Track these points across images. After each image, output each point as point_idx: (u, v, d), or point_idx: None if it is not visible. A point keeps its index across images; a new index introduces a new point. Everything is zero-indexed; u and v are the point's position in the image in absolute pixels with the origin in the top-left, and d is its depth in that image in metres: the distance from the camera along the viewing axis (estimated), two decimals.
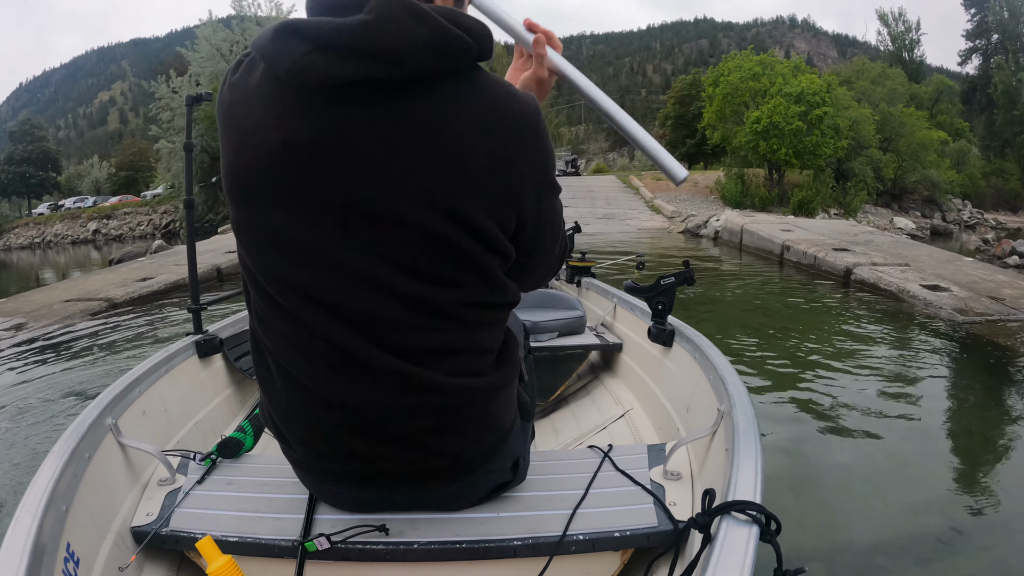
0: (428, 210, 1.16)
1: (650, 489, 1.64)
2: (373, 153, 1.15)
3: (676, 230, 15.19)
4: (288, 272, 1.26)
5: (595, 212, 19.13)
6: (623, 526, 1.50)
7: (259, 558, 1.51)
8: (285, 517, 1.57)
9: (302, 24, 1.13)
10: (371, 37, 1.09)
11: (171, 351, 2.37)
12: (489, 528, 1.51)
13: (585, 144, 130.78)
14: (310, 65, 1.11)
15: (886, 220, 24.09)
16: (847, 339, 5.93)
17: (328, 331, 1.26)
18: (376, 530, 1.46)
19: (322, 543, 1.44)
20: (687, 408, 2.25)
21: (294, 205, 1.21)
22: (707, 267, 9.96)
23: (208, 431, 2.39)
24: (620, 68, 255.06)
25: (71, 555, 1.35)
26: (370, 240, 1.19)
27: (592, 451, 1.86)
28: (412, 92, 1.14)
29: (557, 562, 1.45)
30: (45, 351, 6.77)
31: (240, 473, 1.81)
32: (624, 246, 12.58)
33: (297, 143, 1.17)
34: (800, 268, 9.27)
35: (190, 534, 1.54)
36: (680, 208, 18.66)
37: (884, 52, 49.70)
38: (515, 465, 1.57)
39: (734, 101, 26.29)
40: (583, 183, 31.60)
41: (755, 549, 1.14)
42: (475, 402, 1.35)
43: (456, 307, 1.26)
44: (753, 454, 1.44)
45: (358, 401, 1.31)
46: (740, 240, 12.03)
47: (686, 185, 25.40)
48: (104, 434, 1.73)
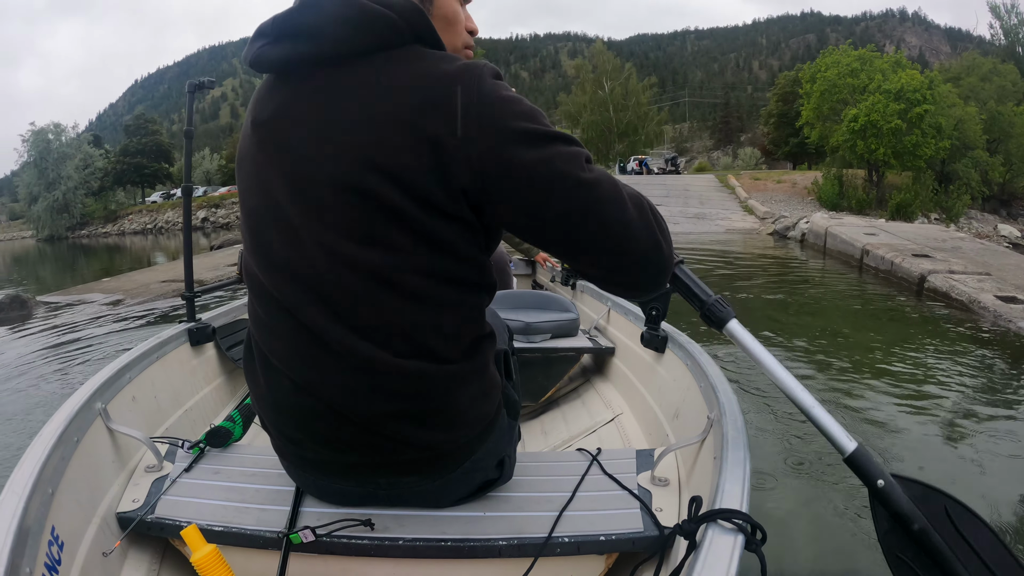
0: (358, 171, 1.21)
1: (637, 494, 1.64)
2: (309, 124, 1.25)
3: (765, 231, 14.88)
4: (261, 249, 1.34)
5: (686, 211, 18.93)
6: (609, 530, 1.50)
7: (244, 548, 1.51)
8: (271, 508, 1.58)
9: (264, 23, 1.30)
10: (295, 20, 1.25)
11: (163, 338, 2.39)
12: (475, 527, 1.51)
13: (689, 142, 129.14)
14: (259, 55, 1.29)
15: (990, 227, 22.93)
16: (891, 348, 5.69)
17: (295, 310, 1.31)
18: (361, 524, 1.47)
19: (307, 535, 1.45)
20: (677, 415, 2.25)
21: (259, 183, 1.33)
22: (781, 269, 9.79)
23: (197, 419, 2.39)
24: (725, 64, 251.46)
25: (55, 539, 1.36)
26: (318, 209, 1.25)
27: (581, 454, 1.86)
28: (347, 66, 1.24)
29: (542, 563, 1.46)
30: (129, 320, 7.61)
31: (228, 463, 1.81)
32: (703, 247, 12.43)
33: (259, 123, 1.32)
34: (877, 274, 9.01)
35: (175, 522, 1.55)
36: (774, 209, 18.29)
37: (997, 47, 47.10)
38: (500, 464, 1.57)
39: (832, 98, 25.56)
40: (680, 182, 31.31)
41: (740, 558, 1.15)
42: (435, 390, 1.34)
43: (402, 274, 1.25)
44: (741, 463, 1.44)
45: (323, 383, 1.34)
46: (824, 243, 11.74)
47: (784, 186, 24.92)
48: (93, 418, 1.74)
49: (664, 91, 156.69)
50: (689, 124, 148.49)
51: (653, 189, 26.22)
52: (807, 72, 27.43)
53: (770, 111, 53.99)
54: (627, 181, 19.63)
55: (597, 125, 63.14)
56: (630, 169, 50.42)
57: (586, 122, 63.68)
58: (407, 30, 1.24)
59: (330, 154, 1.23)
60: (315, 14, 1.23)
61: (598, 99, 63.88)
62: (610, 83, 64.57)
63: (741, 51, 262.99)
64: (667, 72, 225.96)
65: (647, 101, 66.99)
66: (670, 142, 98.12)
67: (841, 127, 23.69)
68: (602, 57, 68.56)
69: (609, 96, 63.47)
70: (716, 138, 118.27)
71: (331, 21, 1.21)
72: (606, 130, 63.14)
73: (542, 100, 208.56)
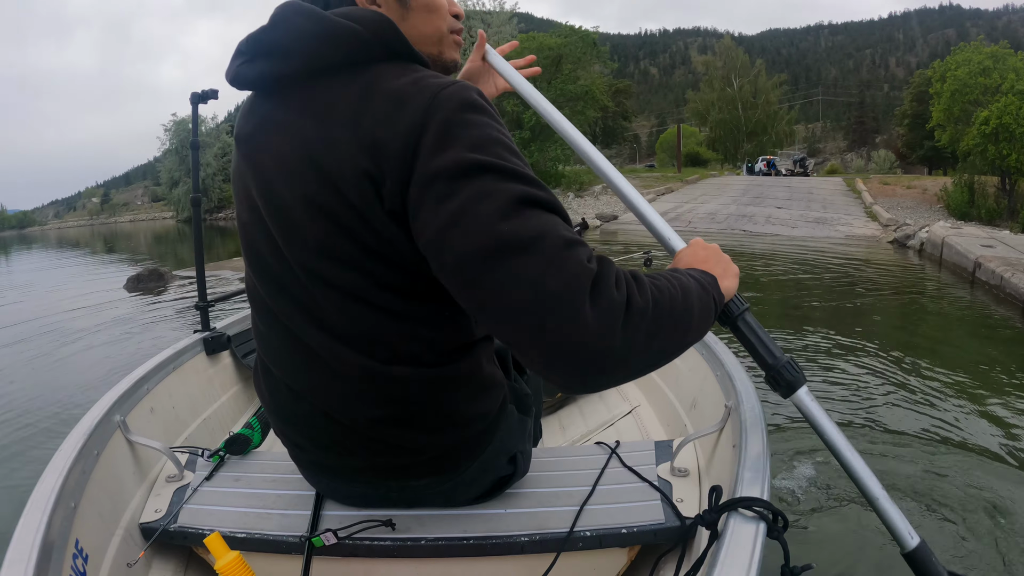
0: (316, 186, 1.19)
1: (657, 486, 1.65)
2: (280, 141, 1.25)
3: (886, 239, 14.59)
4: (255, 262, 1.37)
5: (807, 215, 18.62)
6: (630, 523, 1.51)
7: (267, 554, 1.55)
8: (292, 513, 1.61)
9: (241, 42, 1.32)
10: (265, 38, 1.26)
11: (179, 348, 2.43)
12: (496, 524, 1.52)
13: (822, 143, 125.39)
14: (237, 73, 1.31)
15: None
16: (971, 369, 5.10)
17: (287, 320, 1.34)
18: (382, 525, 1.49)
19: (329, 539, 1.47)
20: (694, 404, 2.25)
21: (245, 197, 1.35)
22: (886, 277, 9.60)
23: (216, 428, 2.43)
24: (860, 61, 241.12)
25: (80, 551, 1.38)
26: (292, 226, 1.25)
27: (599, 447, 1.88)
28: (321, 82, 1.22)
29: (564, 558, 1.46)
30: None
31: (248, 470, 1.85)
32: (815, 252, 12.40)
33: (241, 139, 1.35)
34: (988, 288, 8.90)
35: (198, 530, 1.58)
36: (899, 216, 17.76)
37: None
38: (512, 460, 1.56)
39: (962, 99, 23.81)
40: (805, 184, 30.57)
41: (762, 546, 1.14)
42: (422, 393, 1.33)
43: (369, 290, 1.24)
44: (760, 450, 1.43)
45: (316, 390, 1.37)
46: (940, 254, 11.56)
47: (913, 192, 24.14)
48: (112, 431, 1.77)
49: (796, 88, 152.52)
50: (822, 124, 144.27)
51: (776, 191, 25.83)
52: (937, 71, 25.84)
53: (904, 111, 51.64)
54: (753, 181, 19.38)
55: (725, 123, 62.43)
56: (758, 170, 49.35)
57: (714, 120, 63.18)
58: (376, 44, 1.21)
59: (297, 172, 1.22)
60: (283, 31, 1.24)
61: (726, 97, 63.26)
62: (739, 80, 63.87)
63: (877, 47, 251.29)
64: (799, 69, 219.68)
65: (777, 99, 65.91)
66: (801, 142, 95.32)
67: (972, 130, 22.53)
68: (731, 53, 67.83)
69: (738, 94, 62.76)
70: (850, 139, 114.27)
71: (298, 37, 1.22)
72: (734, 129, 62.31)
73: (671, 97, 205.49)
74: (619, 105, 53.37)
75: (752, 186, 29.05)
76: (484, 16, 39.95)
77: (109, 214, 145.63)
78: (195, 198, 2.79)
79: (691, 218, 18.65)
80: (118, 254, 24.28)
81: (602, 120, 46.58)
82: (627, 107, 60.36)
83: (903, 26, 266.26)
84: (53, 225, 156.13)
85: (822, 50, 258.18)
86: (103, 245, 35.16)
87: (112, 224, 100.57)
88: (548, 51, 30.69)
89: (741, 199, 23.29)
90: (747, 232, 15.57)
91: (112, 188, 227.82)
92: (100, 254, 26.39)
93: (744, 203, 21.89)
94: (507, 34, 38.30)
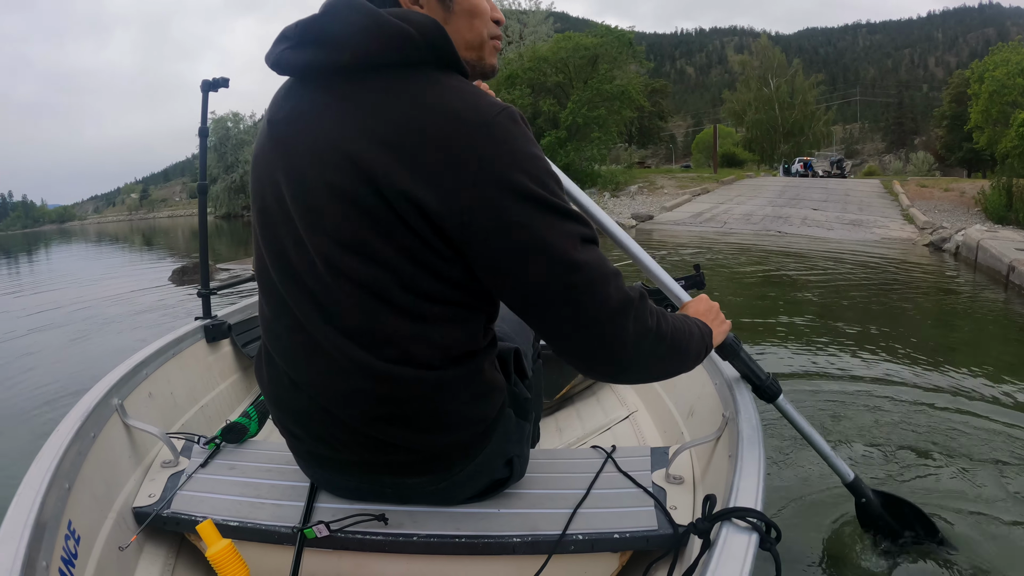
0: (356, 183, 1.20)
1: (652, 492, 1.65)
2: (317, 130, 1.26)
3: (922, 242, 14.53)
4: (270, 247, 1.37)
5: (843, 217, 18.45)
6: (623, 528, 1.52)
7: (258, 543, 1.54)
8: (286, 504, 1.61)
9: (288, 28, 1.32)
10: (316, 27, 1.26)
11: (179, 334, 2.43)
12: (489, 524, 1.52)
13: (860, 144, 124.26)
14: (281, 58, 1.32)
15: None
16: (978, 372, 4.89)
17: (295, 308, 1.35)
18: (375, 519, 1.49)
19: (321, 531, 1.47)
20: (692, 413, 2.26)
21: (270, 183, 1.34)
22: (918, 281, 9.68)
23: (213, 415, 2.42)
24: (899, 61, 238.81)
25: (72, 533, 1.38)
26: (317, 214, 1.26)
27: (595, 451, 1.88)
28: (365, 77, 1.24)
29: (555, 561, 1.47)
30: None
31: (243, 458, 1.84)
32: (849, 254, 12.41)
33: (273, 123, 1.35)
34: (1021, 292, 8.88)
35: (191, 517, 1.58)
36: (935, 219, 17.57)
37: None
38: (509, 463, 1.57)
39: (1001, 100, 23.33)
40: (842, 186, 30.16)
41: (754, 556, 1.16)
42: (420, 394, 1.33)
43: (394, 289, 1.26)
44: (756, 461, 1.45)
45: (315, 382, 1.38)
46: (975, 257, 11.54)
47: (951, 194, 23.85)
48: (109, 414, 1.78)
49: (834, 88, 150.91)
50: (860, 124, 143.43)
51: (812, 192, 25.68)
52: (975, 71, 25.44)
53: (943, 112, 50.99)
54: (789, 183, 19.31)
55: (762, 124, 62.07)
56: (794, 171, 48.98)
57: (750, 120, 62.88)
58: (426, 48, 1.23)
59: (332, 162, 1.23)
60: (336, 23, 1.24)
61: (763, 97, 62.89)
62: (775, 80, 63.43)
63: (916, 46, 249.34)
64: (837, 68, 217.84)
65: (814, 99, 65.48)
66: (839, 143, 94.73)
67: (1010, 132, 21.99)
68: (768, 53, 67.37)
69: (775, 94, 62.32)
70: (888, 140, 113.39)
71: (351, 31, 1.22)
72: (771, 129, 61.91)
73: (707, 97, 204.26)
74: (655, 105, 53.26)
75: (788, 187, 28.93)
76: (520, 16, 39.96)
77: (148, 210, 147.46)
78: (202, 185, 2.79)
79: (726, 219, 18.66)
80: (159, 249, 24.81)
81: (638, 120, 46.52)
82: (663, 107, 60.16)
83: (942, 25, 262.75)
84: (92, 220, 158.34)
85: (860, 49, 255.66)
86: (142, 239, 36.10)
87: (151, 219, 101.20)
88: (584, 51, 30.70)
89: (777, 200, 23.21)
90: (782, 233, 15.53)
91: (151, 184, 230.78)
92: (139, 248, 27.17)
93: (780, 204, 21.82)
94: (543, 33, 38.43)
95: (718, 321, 1.73)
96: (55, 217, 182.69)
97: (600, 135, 29.71)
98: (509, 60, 33.25)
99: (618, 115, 30.98)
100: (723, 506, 1.30)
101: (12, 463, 3.42)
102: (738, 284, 9.11)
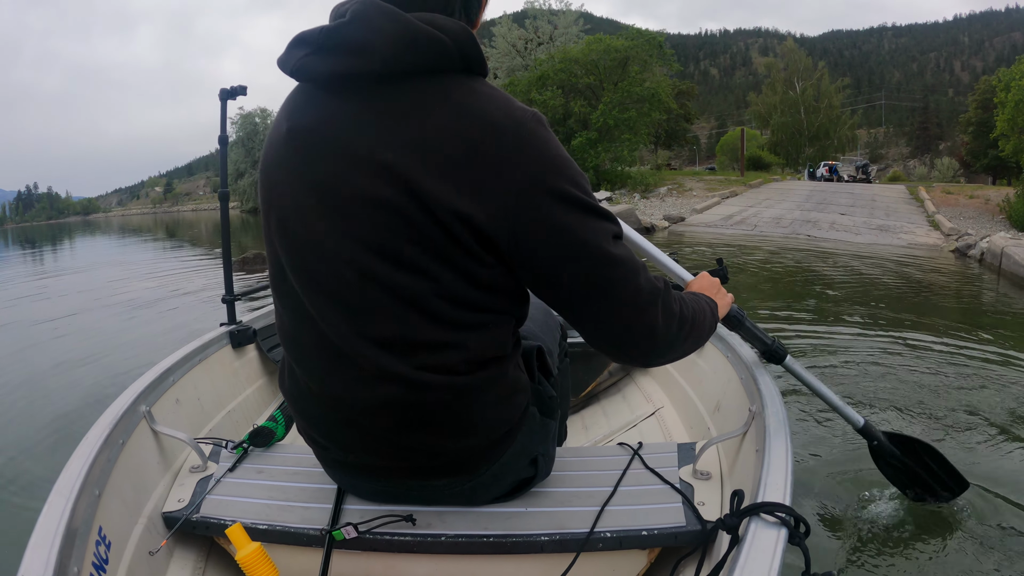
0: (392, 190, 1.20)
1: (679, 488, 1.64)
2: (347, 138, 1.24)
3: (948, 248, 14.62)
4: (288, 257, 1.35)
5: (870, 222, 18.21)
6: (651, 525, 1.51)
7: (287, 546, 1.55)
8: (314, 506, 1.61)
9: (306, 33, 1.29)
10: (344, 35, 1.22)
11: (205, 340, 2.43)
12: (516, 523, 1.52)
13: (884, 148, 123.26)
14: (303, 65, 1.28)
15: None
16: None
17: (317, 318, 1.33)
18: (403, 520, 1.49)
19: (349, 532, 1.47)
20: (718, 407, 2.24)
21: (291, 190, 1.32)
22: (943, 284, 9.47)
23: (240, 420, 2.42)
24: (925, 64, 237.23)
25: (103, 538, 1.39)
26: (348, 223, 1.25)
27: (622, 448, 1.86)
28: (395, 85, 1.23)
29: (584, 559, 1.47)
30: None
31: (271, 462, 1.85)
32: (876, 258, 12.28)
33: (296, 130, 1.31)
34: None
35: (220, 520, 1.59)
36: (961, 225, 17.56)
37: None
38: (533, 462, 1.56)
39: None
40: (869, 191, 29.83)
41: (783, 551, 1.15)
42: (448, 401, 1.33)
43: (428, 297, 1.26)
44: (783, 455, 1.44)
45: (339, 391, 1.36)
46: (999, 263, 11.69)
47: (976, 201, 23.67)
48: (138, 421, 1.79)
49: (859, 92, 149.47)
50: (884, 129, 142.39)
51: (839, 197, 25.65)
52: (1002, 80, 25.30)
53: (969, 118, 50.24)
54: (816, 187, 19.42)
55: (787, 127, 62.00)
56: (819, 175, 48.65)
57: (776, 123, 62.74)
58: (457, 55, 1.23)
59: (366, 170, 1.22)
60: (366, 29, 1.21)
61: (789, 100, 62.74)
62: (801, 83, 63.29)
63: (942, 50, 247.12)
64: (862, 72, 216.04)
65: (839, 103, 65.26)
66: (863, 147, 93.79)
67: None
68: (793, 56, 67.28)
69: (800, 97, 62.21)
70: (913, 145, 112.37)
71: (382, 37, 1.19)
72: (796, 132, 61.82)
73: (732, 98, 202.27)
74: (681, 107, 53.27)
75: (815, 192, 28.87)
76: (551, 17, 39.96)
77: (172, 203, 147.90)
78: (223, 193, 2.80)
79: (756, 222, 18.70)
80: (196, 242, 25.19)
81: (666, 123, 46.37)
82: (689, 109, 60.12)
83: (968, 28, 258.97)
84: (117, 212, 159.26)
85: (885, 52, 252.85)
86: (181, 232, 36.30)
87: (175, 213, 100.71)
88: (615, 53, 30.65)
89: (805, 204, 23.24)
90: (811, 237, 15.45)
91: (175, 178, 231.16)
92: (185, 240, 27.33)
93: (808, 208, 21.81)
94: (573, 34, 38.49)
95: (721, 294, 1.80)
96: (80, 209, 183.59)
97: (630, 137, 29.72)
98: (540, 61, 33.28)
99: (648, 117, 30.83)
100: (751, 501, 1.30)
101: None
102: (773, 284, 9.30)
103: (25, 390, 5.17)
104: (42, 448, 3.84)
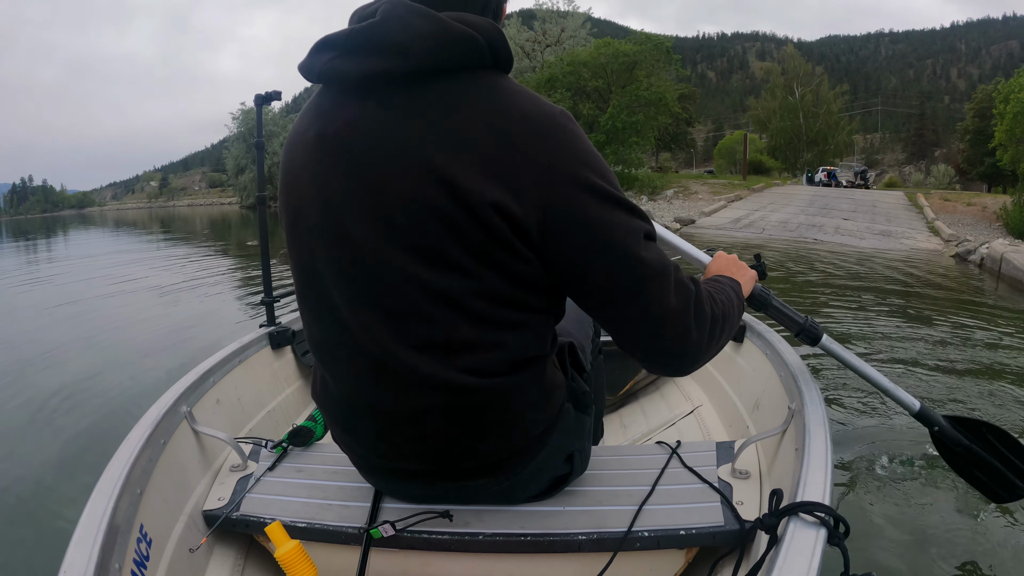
0: (431, 189, 1.18)
1: (717, 487, 1.63)
2: (384, 140, 1.22)
3: (948, 254, 15.01)
4: (321, 264, 1.34)
5: (873, 228, 18.13)
6: (689, 524, 1.49)
7: (326, 544, 1.56)
8: (352, 505, 1.62)
9: (330, 36, 1.28)
10: (377, 34, 1.20)
11: (244, 342, 2.44)
12: (553, 521, 1.51)
13: (880, 154, 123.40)
14: (332, 68, 1.26)
15: None
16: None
17: (350, 324, 1.32)
18: (440, 516, 1.49)
19: (387, 530, 1.48)
20: (757, 406, 2.22)
21: (322, 196, 1.30)
22: (946, 288, 9.82)
23: (280, 420, 2.44)
24: (921, 71, 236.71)
25: (144, 536, 1.42)
26: (387, 227, 1.23)
27: (660, 447, 1.84)
28: (426, 83, 1.21)
29: (621, 558, 1.46)
30: None
31: (310, 461, 1.86)
32: (884, 262, 12.58)
33: (327, 134, 1.28)
34: None
35: (260, 519, 1.60)
36: (960, 232, 17.73)
37: None
38: (569, 458, 1.55)
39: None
40: (869, 197, 30.03)
41: (822, 552, 1.14)
42: (487, 403, 1.33)
43: (470, 297, 1.25)
44: (823, 454, 1.43)
45: (384, 403, 1.36)
46: (999, 268, 11.25)
47: (973, 208, 23.57)
48: (179, 421, 1.81)
49: (855, 98, 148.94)
50: (881, 135, 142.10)
51: (841, 203, 25.82)
52: (1001, 92, 25.21)
53: (966, 127, 51.01)
54: (817, 192, 19.60)
55: (786, 132, 61.91)
56: (818, 180, 48.45)
57: (775, 128, 62.67)
58: (488, 53, 1.22)
59: (404, 173, 1.20)
60: (399, 29, 1.19)
61: (788, 105, 62.63)
62: (801, 89, 63.37)
63: (938, 57, 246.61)
64: (859, 77, 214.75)
65: (838, 109, 65.40)
66: (860, 153, 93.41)
67: None
68: (793, 62, 67.39)
69: (799, 103, 62.20)
70: (909, 151, 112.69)
71: (415, 36, 1.18)
72: (795, 137, 61.73)
73: (728, 102, 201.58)
74: (684, 111, 53.35)
75: (817, 197, 28.90)
76: (559, 19, 40.10)
77: (167, 198, 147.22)
78: (260, 197, 2.78)
79: (764, 225, 18.99)
80: (200, 238, 25.14)
81: (671, 126, 46.18)
82: (691, 112, 60.11)
83: (965, 36, 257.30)
84: (112, 206, 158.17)
85: (882, 58, 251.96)
86: (177, 225, 36.15)
87: (171, 207, 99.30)
88: (623, 57, 30.96)
89: (808, 209, 23.39)
90: (818, 241, 15.85)
91: (170, 173, 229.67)
92: (185, 234, 27.51)
93: (811, 213, 22.01)
94: (581, 37, 38.77)
95: (742, 271, 1.75)
96: (74, 203, 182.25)
97: (638, 140, 29.97)
98: (549, 63, 33.56)
99: (655, 121, 31.18)
100: (790, 500, 1.28)
101: None
102: (791, 285, 9.57)
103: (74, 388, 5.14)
104: (84, 449, 3.86)
